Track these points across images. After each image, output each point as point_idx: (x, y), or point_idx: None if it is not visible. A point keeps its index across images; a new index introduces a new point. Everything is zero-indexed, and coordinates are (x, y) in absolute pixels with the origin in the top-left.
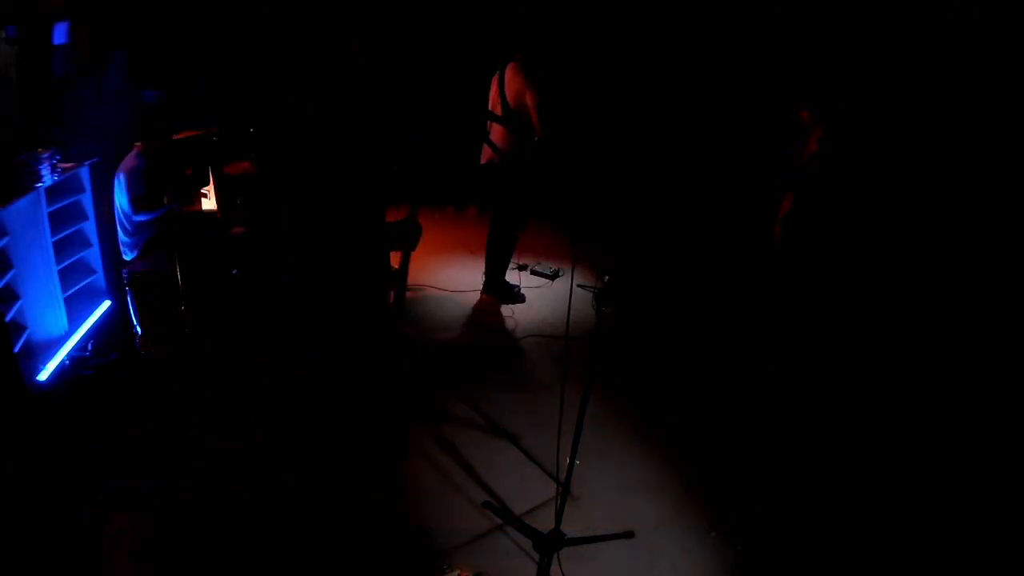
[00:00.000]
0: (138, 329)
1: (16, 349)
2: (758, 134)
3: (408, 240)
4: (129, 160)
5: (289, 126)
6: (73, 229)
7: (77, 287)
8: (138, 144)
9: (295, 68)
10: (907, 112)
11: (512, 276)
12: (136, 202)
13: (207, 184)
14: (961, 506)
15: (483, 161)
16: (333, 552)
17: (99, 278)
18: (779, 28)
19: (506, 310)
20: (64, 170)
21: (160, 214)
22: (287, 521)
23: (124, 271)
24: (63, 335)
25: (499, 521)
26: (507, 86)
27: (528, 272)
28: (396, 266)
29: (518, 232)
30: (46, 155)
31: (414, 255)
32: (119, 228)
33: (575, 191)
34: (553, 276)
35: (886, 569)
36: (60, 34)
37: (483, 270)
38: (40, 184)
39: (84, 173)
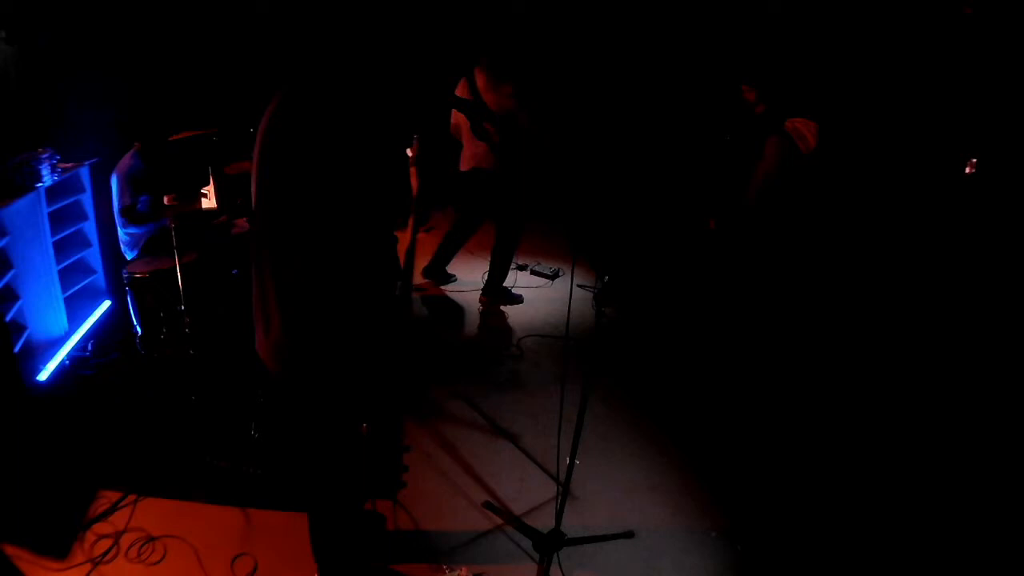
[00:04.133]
0: (138, 329)
1: (16, 349)
2: (757, 132)
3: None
4: (125, 161)
5: (286, 127)
6: (73, 229)
7: (77, 287)
8: (137, 144)
9: (293, 69)
10: (914, 112)
11: (511, 276)
12: (124, 212)
13: (207, 184)
14: (961, 505)
15: (465, 168)
16: (332, 553)
17: (99, 278)
18: (779, 26)
19: (506, 310)
20: (64, 170)
21: (148, 229)
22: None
23: (124, 271)
24: (63, 335)
25: (499, 521)
26: (483, 93)
27: (528, 272)
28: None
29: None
30: (46, 155)
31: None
32: (118, 227)
33: (576, 191)
34: (553, 276)
35: (886, 569)
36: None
37: (484, 271)
38: (40, 184)
39: (84, 173)
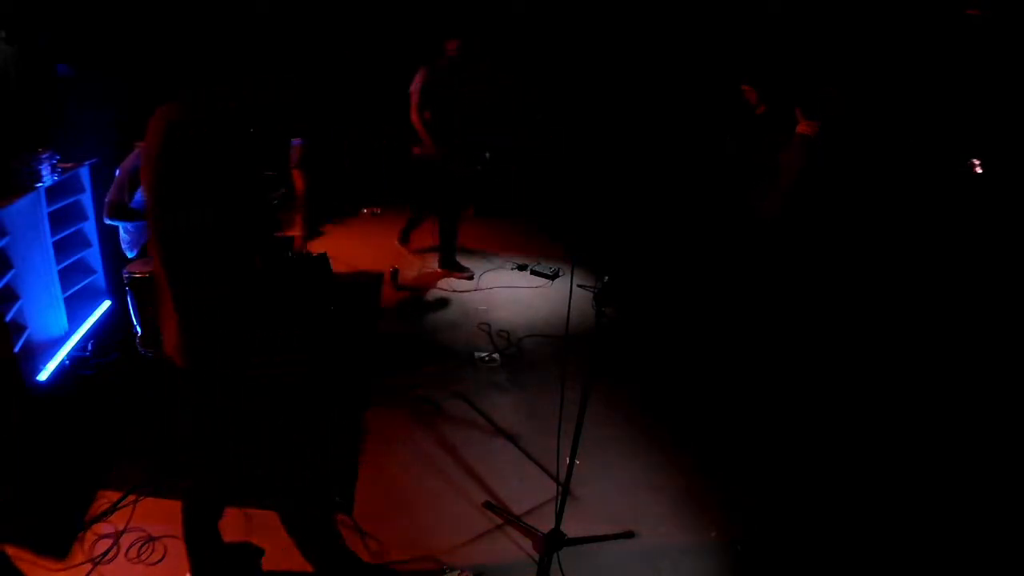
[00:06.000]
0: (138, 329)
1: (16, 349)
2: (759, 134)
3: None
4: (130, 160)
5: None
6: (73, 229)
7: (77, 287)
8: (141, 144)
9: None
10: (914, 112)
11: (512, 276)
12: (113, 206)
13: None
14: (961, 505)
15: (417, 152)
16: (332, 554)
17: (99, 278)
18: (779, 25)
19: (505, 310)
20: (64, 170)
21: (138, 227)
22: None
23: (124, 271)
24: (63, 335)
25: (499, 521)
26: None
27: (528, 272)
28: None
29: (462, 212)
30: (46, 155)
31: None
32: (105, 219)
33: (576, 191)
34: (553, 276)
35: (886, 569)
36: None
37: (484, 270)
38: (40, 184)
39: (84, 173)
